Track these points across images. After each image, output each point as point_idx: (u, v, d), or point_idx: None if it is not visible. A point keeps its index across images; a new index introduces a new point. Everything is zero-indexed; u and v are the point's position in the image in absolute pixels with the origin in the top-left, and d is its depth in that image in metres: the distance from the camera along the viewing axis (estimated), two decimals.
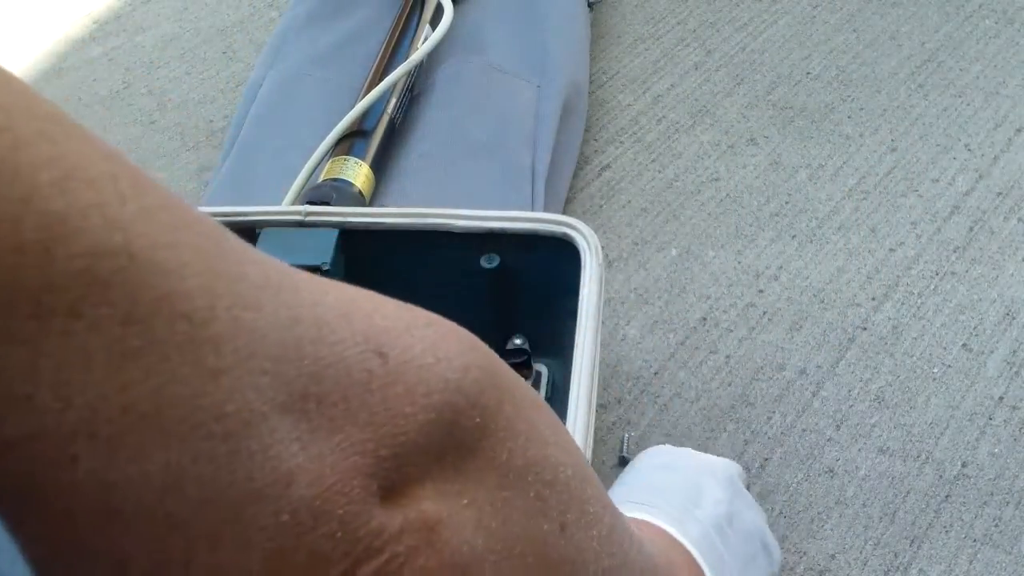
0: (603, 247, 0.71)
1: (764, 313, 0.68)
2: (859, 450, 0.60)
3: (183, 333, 0.21)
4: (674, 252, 0.72)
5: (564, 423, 0.42)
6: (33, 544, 0.22)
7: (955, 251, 0.71)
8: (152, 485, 0.21)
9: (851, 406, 0.62)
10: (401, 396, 0.25)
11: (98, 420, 0.20)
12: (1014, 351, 0.65)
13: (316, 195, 0.67)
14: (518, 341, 0.59)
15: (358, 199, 0.68)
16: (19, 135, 0.19)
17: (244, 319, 0.22)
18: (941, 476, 0.59)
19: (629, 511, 0.45)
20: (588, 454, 0.47)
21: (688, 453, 0.54)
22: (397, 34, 0.80)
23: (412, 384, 0.25)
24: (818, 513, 0.57)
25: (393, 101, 0.74)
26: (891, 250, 0.72)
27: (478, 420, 0.26)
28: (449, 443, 0.26)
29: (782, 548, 0.56)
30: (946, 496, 0.58)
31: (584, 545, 0.31)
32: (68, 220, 0.19)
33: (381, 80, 0.74)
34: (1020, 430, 0.61)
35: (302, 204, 0.66)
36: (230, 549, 0.22)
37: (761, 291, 0.69)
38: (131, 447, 0.20)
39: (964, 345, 0.66)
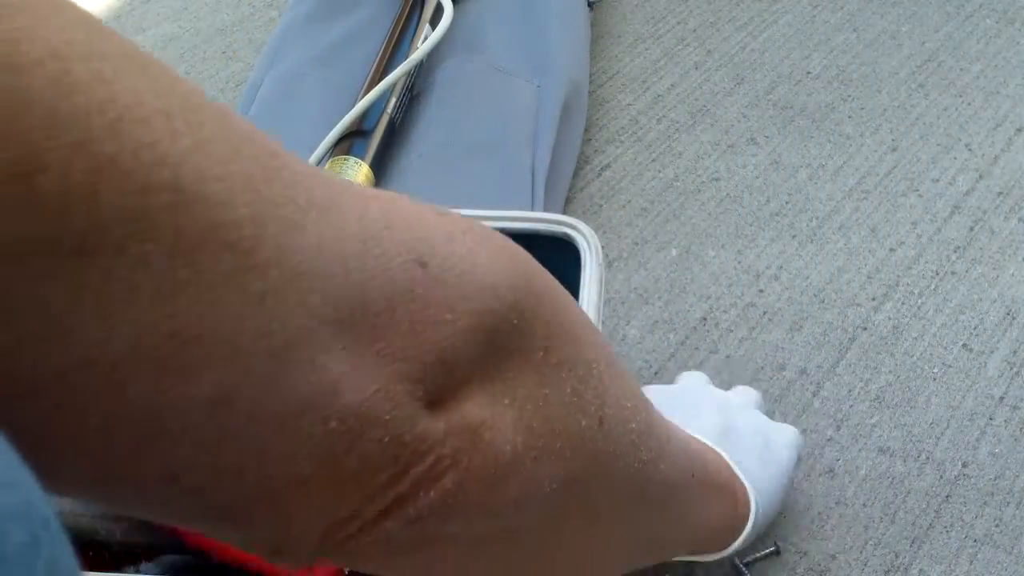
0: (603, 247, 0.71)
1: (764, 313, 0.68)
2: (859, 450, 0.60)
3: (228, 262, 0.21)
4: (674, 252, 0.72)
5: None
6: (77, 473, 0.22)
7: (955, 251, 0.71)
8: (200, 403, 0.22)
9: (851, 406, 0.62)
10: (442, 303, 0.25)
11: (144, 347, 0.21)
12: (1014, 351, 0.65)
13: None
14: None
15: None
16: (75, 79, 0.20)
17: (290, 244, 0.23)
18: (941, 476, 0.59)
19: None
20: None
21: (673, 389, 0.56)
22: (397, 34, 0.80)
23: (452, 291, 0.26)
24: (818, 513, 0.57)
25: (393, 101, 0.74)
26: (891, 250, 0.72)
27: (516, 323, 0.27)
28: (490, 346, 0.26)
29: (782, 549, 0.56)
30: (947, 496, 0.58)
31: (623, 439, 0.32)
32: (119, 161, 0.20)
33: (381, 80, 0.74)
34: (1021, 430, 0.61)
35: None
36: (280, 459, 0.23)
37: (761, 291, 0.69)
38: (178, 370, 0.21)
39: (964, 345, 0.65)
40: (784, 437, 0.53)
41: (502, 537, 0.29)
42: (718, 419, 0.50)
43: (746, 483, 0.47)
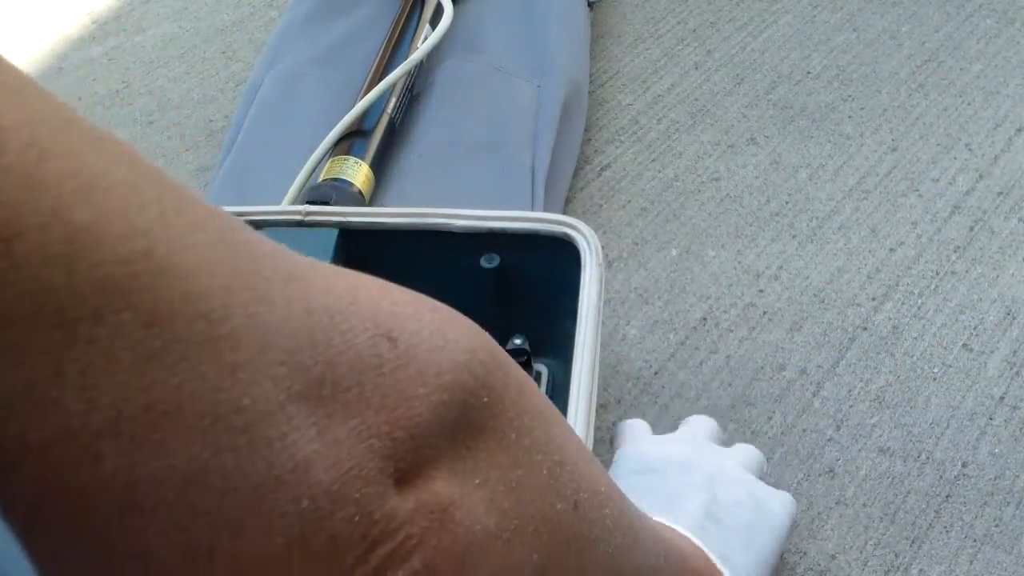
0: (603, 247, 0.71)
1: (764, 313, 0.68)
2: (859, 450, 0.60)
3: (201, 332, 0.21)
4: (674, 252, 0.72)
5: None
6: (50, 545, 0.22)
7: (955, 251, 0.71)
8: (175, 479, 0.21)
9: (851, 406, 0.62)
10: (413, 378, 0.25)
11: (122, 420, 0.20)
12: (1014, 351, 0.65)
13: (316, 195, 0.67)
14: (518, 341, 0.59)
15: (358, 199, 0.68)
16: (44, 148, 0.20)
17: (259, 314, 0.23)
18: (941, 476, 0.59)
19: None
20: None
21: (657, 448, 0.54)
22: (397, 34, 0.80)
23: (423, 366, 0.25)
24: (818, 513, 0.57)
25: (393, 101, 0.74)
26: (891, 250, 0.72)
27: (486, 400, 0.27)
28: (461, 424, 0.26)
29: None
30: (947, 496, 0.58)
31: (597, 524, 0.32)
32: (93, 229, 0.20)
33: (381, 80, 0.74)
34: (1021, 430, 0.61)
35: (302, 204, 0.66)
36: (252, 537, 0.23)
37: (761, 291, 0.69)
38: (154, 444, 0.21)
39: (964, 345, 0.65)
40: (776, 506, 0.52)
41: None
42: (701, 501, 0.49)
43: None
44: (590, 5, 0.91)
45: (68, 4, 1.00)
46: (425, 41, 0.77)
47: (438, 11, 0.80)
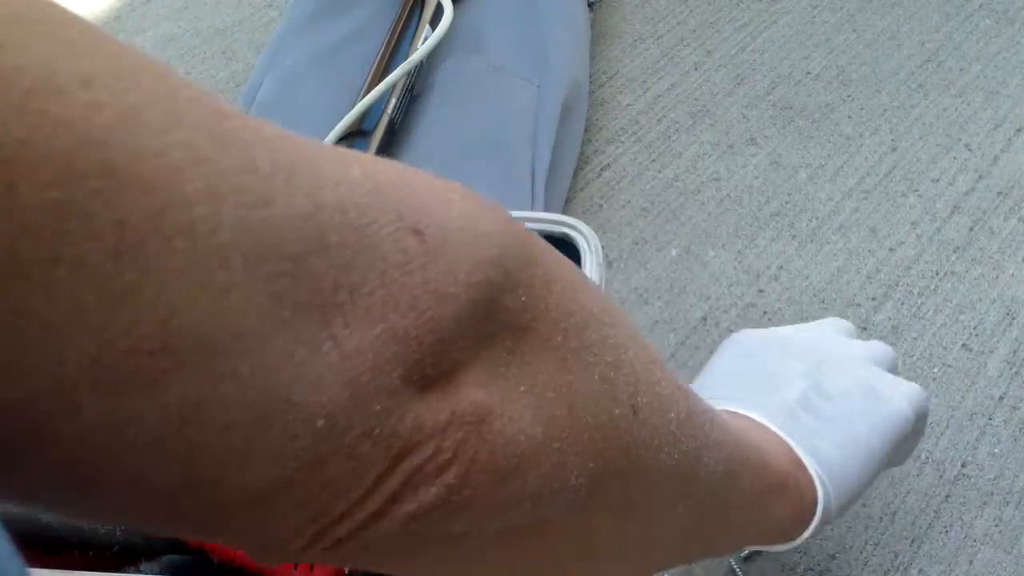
0: (603, 247, 0.71)
1: (764, 313, 0.68)
2: None
3: (183, 251, 0.18)
4: (674, 252, 0.72)
5: None
6: (40, 488, 0.20)
7: (955, 251, 0.71)
8: (169, 418, 0.19)
9: None
10: (443, 275, 0.22)
11: (100, 368, 0.18)
12: (1014, 351, 0.65)
13: None
14: None
15: None
16: None
17: (253, 219, 0.19)
18: (941, 476, 0.59)
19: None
20: None
21: (764, 330, 0.50)
22: (397, 34, 0.80)
23: (453, 262, 0.23)
24: None
25: (393, 101, 0.74)
26: (891, 250, 0.72)
27: (524, 299, 0.24)
28: (497, 324, 0.24)
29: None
30: (946, 496, 0.58)
31: (661, 429, 0.29)
32: (32, 145, 0.17)
33: (381, 80, 0.74)
34: (1020, 430, 0.61)
35: None
36: (261, 465, 0.20)
37: (761, 291, 0.69)
38: (141, 385, 0.18)
39: (964, 345, 0.65)
40: (895, 395, 0.47)
41: (522, 534, 0.26)
42: (799, 388, 0.45)
43: (812, 471, 0.42)
44: (590, 5, 0.91)
45: (68, 4, 1.00)
46: (425, 41, 0.77)
47: (438, 11, 0.80)
